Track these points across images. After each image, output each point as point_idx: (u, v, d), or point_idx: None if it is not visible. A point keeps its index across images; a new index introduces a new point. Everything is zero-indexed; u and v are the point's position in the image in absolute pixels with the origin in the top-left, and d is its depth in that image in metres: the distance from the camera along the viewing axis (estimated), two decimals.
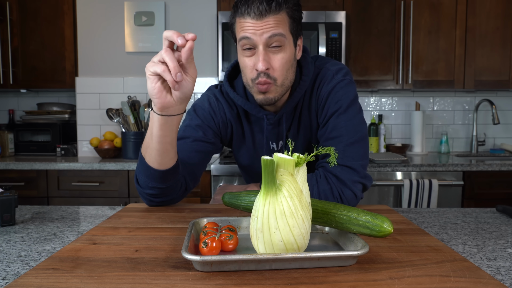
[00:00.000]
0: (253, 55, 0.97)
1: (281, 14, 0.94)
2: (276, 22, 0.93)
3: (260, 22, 0.93)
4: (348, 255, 0.59)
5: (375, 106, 2.98)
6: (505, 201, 2.29)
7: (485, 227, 0.93)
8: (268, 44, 0.95)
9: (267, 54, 0.96)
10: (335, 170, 0.99)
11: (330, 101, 1.04)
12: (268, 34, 0.93)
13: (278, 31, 0.94)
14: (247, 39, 0.95)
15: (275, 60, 0.96)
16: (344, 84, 1.04)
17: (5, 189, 1.00)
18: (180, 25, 2.78)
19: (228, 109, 1.13)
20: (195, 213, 0.97)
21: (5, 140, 2.70)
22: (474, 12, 2.57)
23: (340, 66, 1.09)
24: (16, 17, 2.65)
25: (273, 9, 0.93)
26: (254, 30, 0.93)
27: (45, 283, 0.54)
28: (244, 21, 0.95)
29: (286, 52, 0.97)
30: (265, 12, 0.92)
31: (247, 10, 0.93)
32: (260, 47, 0.95)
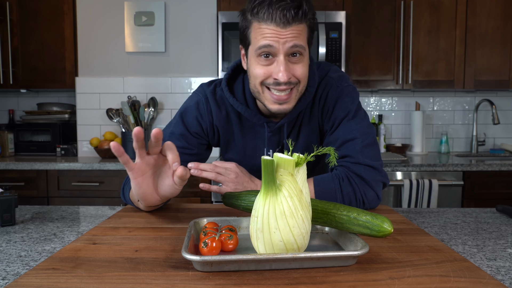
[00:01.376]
0: (271, 64, 0.93)
1: (303, 24, 0.91)
2: (298, 32, 0.90)
3: (284, 30, 0.89)
4: (348, 255, 0.59)
5: (375, 106, 2.98)
6: (505, 201, 2.29)
7: (485, 227, 0.93)
8: (289, 53, 0.92)
9: (287, 64, 0.92)
10: (358, 170, 0.98)
11: (338, 107, 1.04)
12: (290, 43, 0.90)
13: (299, 42, 0.91)
14: (269, 47, 0.90)
15: (296, 69, 0.93)
16: (348, 91, 1.05)
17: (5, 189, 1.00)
18: (180, 25, 2.78)
19: (216, 112, 1.09)
20: (195, 213, 0.97)
21: (5, 140, 2.70)
22: (474, 12, 2.57)
23: (341, 73, 1.09)
24: (16, 17, 2.65)
25: (299, 18, 0.89)
26: (277, 38, 0.89)
27: (45, 283, 0.54)
28: (266, 27, 0.90)
29: (304, 61, 0.95)
30: (292, 19, 0.88)
31: (272, 16, 0.88)
32: (281, 56, 0.91)
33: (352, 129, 1.01)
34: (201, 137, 1.11)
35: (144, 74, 2.81)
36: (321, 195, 0.97)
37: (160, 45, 2.77)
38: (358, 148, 0.99)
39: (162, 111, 2.81)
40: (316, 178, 0.99)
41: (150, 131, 2.81)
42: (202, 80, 2.77)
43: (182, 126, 1.09)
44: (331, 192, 0.97)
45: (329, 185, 0.97)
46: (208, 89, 1.11)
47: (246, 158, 1.14)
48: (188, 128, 1.09)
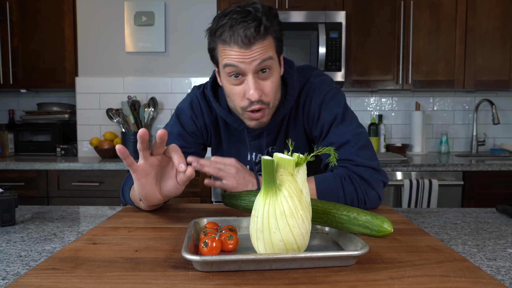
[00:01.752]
0: (242, 83, 0.93)
1: (268, 39, 0.91)
2: (264, 48, 0.90)
3: (248, 50, 0.88)
4: (348, 255, 0.59)
5: (375, 106, 2.98)
6: (505, 201, 2.29)
7: (485, 227, 0.93)
8: (257, 70, 0.91)
9: (257, 82, 0.92)
10: (359, 171, 0.97)
11: (323, 113, 1.04)
12: (257, 61, 0.89)
13: (267, 55, 0.90)
14: (234, 67, 0.90)
15: (266, 85, 0.94)
16: (332, 94, 1.05)
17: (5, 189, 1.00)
18: (180, 25, 2.78)
19: (207, 113, 1.12)
20: (195, 213, 0.97)
21: (5, 140, 2.70)
22: (474, 12, 2.57)
23: (323, 76, 1.09)
24: (16, 17, 2.65)
25: (262, 35, 0.88)
26: (242, 59, 0.89)
27: (45, 283, 0.54)
28: (230, 49, 0.89)
29: (274, 74, 0.95)
30: (253, 39, 0.87)
31: (233, 38, 0.88)
32: (250, 76, 0.91)
33: (343, 132, 1.01)
34: (197, 136, 1.13)
35: (144, 74, 2.81)
36: (322, 194, 0.96)
37: (160, 45, 2.77)
38: (354, 151, 0.99)
39: (162, 111, 2.81)
40: (317, 177, 0.99)
41: (150, 131, 2.81)
42: (202, 80, 2.78)
43: (179, 126, 1.11)
44: (333, 191, 0.96)
45: (331, 184, 0.97)
46: (198, 91, 1.13)
47: None
48: (185, 128, 1.12)
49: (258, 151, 1.13)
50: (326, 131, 1.03)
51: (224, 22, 0.89)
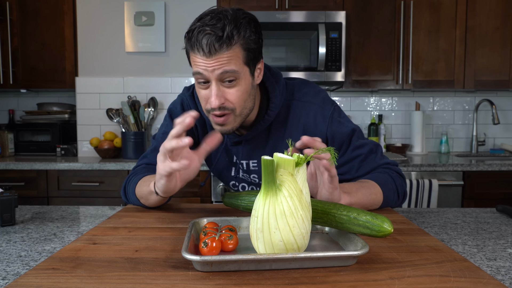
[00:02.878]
0: (207, 88, 0.93)
1: (234, 49, 0.88)
2: (228, 58, 0.88)
3: (210, 59, 0.88)
4: (348, 255, 0.59)
5: (375, 106, 2.98)
6: (505, 201, 2.29)
7: (485, 227, 0.93)
8: (221, 79, 0.91)
9: (220, 89, 0.91)
10: (396, 169, 1.06)
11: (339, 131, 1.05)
12: (219, 71, 0.88)
13: (230, 68, 0.88)
14: (199, 74, 0.90)
15: (230, 94, 0.92)
16: (337, 112, 1.07)
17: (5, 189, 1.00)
18: (180, 25, 2.78)
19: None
20: (195, 213, 0.97)
21: (5, 140, 2.70)
22: (474, 12, 2.57)
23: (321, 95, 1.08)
24: (16, 17, 2.65)
25: (224, 46, 0.87)
26: (205, 67, 0.89)
27: (45, 283, 0.54)
28: (194, 55, 0.90)
29: (241, 85, 0.93)
30: (214, 50, 0.86)
31: (197, 45, 0.87)
32: (213, 83, 0.91)
33: (365, 143, 1.06)
34: (192, 133, 1.13)
35: (144, 74, 2.81)
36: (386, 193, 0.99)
37: (160, 45, 2.77)
38: (380, 156, 1.07)
39: (162, 111, 2.81)
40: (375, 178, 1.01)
41: (150, 131, 2.81)
42: None
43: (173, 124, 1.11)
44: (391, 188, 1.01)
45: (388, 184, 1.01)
46: (188, 92, 1.14)
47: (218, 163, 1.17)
48: None
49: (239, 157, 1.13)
50: (346, 146, 1.06)
51: (194, 27, 0.88)
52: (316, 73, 2.49)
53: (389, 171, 1.05)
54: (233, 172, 1.16)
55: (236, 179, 1.17)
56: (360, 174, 1.05)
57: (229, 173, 1.17)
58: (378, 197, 0.97)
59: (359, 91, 2.95)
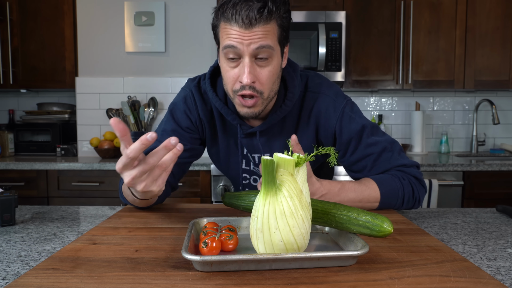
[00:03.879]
0: (238, 66, 0.90)
1: (271, 24, 0.87)
2: (265, 32, 0.86)
3: (248, 31, 0.85)
4: (348, 255, 0.59)
5: (375, 106, 2.98)
6: (505, 201, 2.29)
7: (485, 227, 0.93)
8: (255, 55, 0.88)
9: (253, 67, 0.89)
10: (412, 172, 1.02)
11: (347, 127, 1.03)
12: (256, 45, 0.86)
13: (266, 43, 0.86)
14: (233, 47, 0.87)
15: (262, 73, 0.90)
16: (350, 107, 1.05)
17: (5, 189, 1.00)
18: (180, 25, 2.78)
19: (201, 106, 1.08)
20: (195, 213, 0.97)
21: (5, 140, 2.70)
22: (474, 12, 2.57)
23: (334, 88, 1.07)
24: (16, 17, 2.65)
25: (264, 18, 0.85)
26: (241, 39, 0.86)
27: (45, 283, 0.54)
28: (230, 27, 0.86)
29: (273, 64, 0.91)
30: (255, 21, 0.84)
31: (235, 16, 0.84)
32: (246, 59, 0.88)
33: (377, 141, 1.03)
34: (192, 131, 1.10)
35: (144, 74, 2.81)
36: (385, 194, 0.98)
37: (160, 45, 2.77)
38: (397, 156, 1.03)
39: (162, 111, 2.81)
40: (377, 179, 0.99)
41: (150, 131, 2.81)
42: None
43: (173, 122, 1.09)
44: (394, 191, 0.99)
45: (391, 185, 0.99)
46: (193, 83, 1.10)
47: (227, 156, 1.14)
48: (179, 124, 1.09)
49: (250, 150, 1.10)
50: (357, 143, 1.03)
51: (229, 0, 0.86)
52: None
53: (402, 174, 1.01)
54: (244, 165, 1.13)
55: (247, 172, 1.14)
56: (372, 174, 1.03)
57: (240, 166, 1.13)
58: (373, 196, 0.96)
59: (359, 91, 2.95)
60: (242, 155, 1.12)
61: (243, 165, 1.13)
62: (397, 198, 0.99)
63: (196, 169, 2.31)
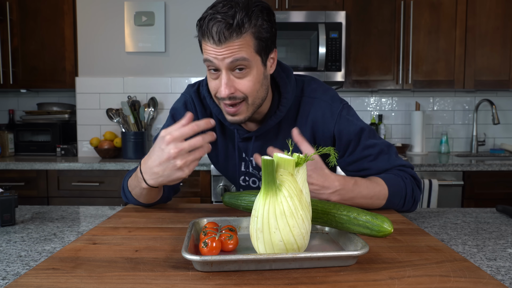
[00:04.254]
0: (218, 77, 0.92)
1: (244, 37, 0.87)
2: (238, 46, 0.87)
3: (220, 48, 0.87)
4: (348, 255, 0.59)
5: (375, 106, 2.98)
6: (505, 201, 2.29)
7: (485, 227, 0.93)
8: (232, 68, 0.89)
9: (230, 79, 0.91)
10: (411, 172, 1.04)
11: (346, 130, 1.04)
12: (229, 59, 0.87)
13: (240, 55, 0.87)
14: (210, 62, 0.90)
15: (241, 83, 0.91)
16: (346, 110, 1.06)
17: (5, 189, 1.00)
18: (180, 25, 2.78)
19: (201, 111, 1.11)
20: (195, 213, 0.97)
21: (5, 140, 2.70)
22: (474, 12, 2.57)
23: (330, 92, 1.07)
24: (16, 17, 2.65)
25: (234, 34, 0.85)
26: (215, 55, 0.88)
27: (45, 283, 0.54)
28: (205, 43, 0.89)
29: (252, 74, 0.92)
30: (224, 38, 0.85)
31: (207, 33, 0.87)
32: (223, 72, 0.90)
33: (375, 144, 1.04)
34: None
35: (144, 74, 2.81)
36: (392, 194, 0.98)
37: (160, 45, 2.77)
38: (394, 157, 1.04)
39: (162, 111, 2.81)
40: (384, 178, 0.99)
41: (150, 131, 2.81)
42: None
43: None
44: (400, 190, 0.99)
45: (398, 184, 0.99)
46: (192, 89, 1.12)
47: (226, 160, 1.16)
48: None
49: (248, 153, 1.12)
50: (355, 145, 1.04)
51: (206, 14, 0.87)
52: (316, 73, 2.49)
53: (403, 174, 1.02)
54: (243, 167, 1.15)
55: (246, 174, 1.16)
56: (370, 174, 1.04)
57: (239, 169, 1.15)
58: (379, 195, 0.96)
59: (359, 91, 2.95)
60: (240, 158, 1.13)
61: (242, 168, 1.15)
62: (400, 197, 0.99)
63: (196, 169, 2.31)
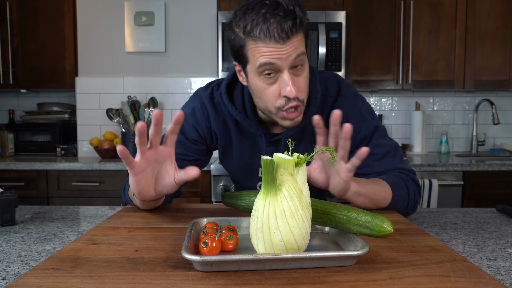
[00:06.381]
0: (276, 81, 0.88)
1: (301, 32, 0.86)
2: (298, 42, 0.85)
3: (284, 45, 0.83)
4: (348, 255, 0.59)
5: (375, 106, 2.98)
6: (505, 201, 2.29)
7: (485, 227, 0.93)
8: (292, 66, 0.87)
9: (293, 78, 0.87)
10: (412, 177, 1.03)
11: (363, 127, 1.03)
12: (293, 56, 0.84)
13: (301, 50, 0.85)
14: (271, 64, 0.85)
15: (300, 81, 0.89)
16: (365, 108, 1.06)
17: (5, 189, 1.00)
18: (180, 25, 2.78)
19: (214, 117, 1.07)
20: (195, 213, 0.97)
21: (5, 140, 2.70)
22: (474, 12, 2.57)
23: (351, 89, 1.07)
24: (16, 17, 2.65)
25: (298, 28, 0.83)
26: (279, 55, 0.83)
27: (45, 283, 0.54)
28: (264, 45, 0.83)
29: (306, 69, 0.91)
30: (291, 33, 0.82)
31: (268, 33, 0.82)
32: (285, 72, 0.86)
33: (384, 144, 1.04)
34: (199, 143, 1.09)
35: (144, 74, 2.81)
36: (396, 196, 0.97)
37: (160, 45, 2.77)
38: (398, 160, 1.04)
39: (162, 111, 2.80)
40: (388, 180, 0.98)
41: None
42: (202, 80, 2.78)
43: (180, 134, 1.08)
44: (402, 193, 0.98)
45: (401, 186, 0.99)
46: (205, 93, 1.08)
47: (244, 166, 1.14)
48: (186, 135, 1.08)
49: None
50: (366, 142, 1.04)
51: (253, 17, 0.83)
52: None
53: (405, 177, 1.02)
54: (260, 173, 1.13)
55: None
56: (372, 172, 1.03)
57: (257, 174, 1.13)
58: (387, 196, 0.95)
59: (359, 91, 2.94)
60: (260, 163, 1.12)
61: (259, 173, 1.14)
62: (404, 199, 0.98)
63: None
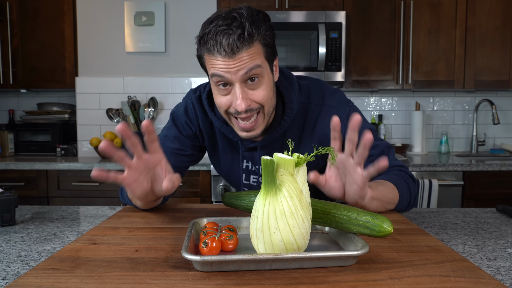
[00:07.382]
0: (229, 93, 0.89)
1: (255, 45, 0.85)
2: (250, 56, 0.84)
3: (232, 60, 0.83)
4: (348, 255, 0.59)
5: (375, 106, 2.98)
6: (505, 201, 2.29)
7: (485, 227, 0.93)
8: (245, 80, 0.87)
9: (245, 92, 0.87)
10: (409, 172, 1.05)
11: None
12: (243, 70, 0.85)
13: (254, 63, 0.85)
14: (220, 77, 0.86)
15: (256, 94, 0.89)
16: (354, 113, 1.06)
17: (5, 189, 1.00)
18: (180, 25, 2.78)
19: (202, 118, 1.09)
20: (195, 213, 0.97)
21: (5, 140, 2.70)
22: (474, 12, 2.57)
23: (336, 95, 1.06)
24: (16, 17, 2.65)
25: (246, 43, 0.83)
26: (227, 69, 0.84)
27: (45, 283, 0.54)
28: (214, 58, 0.85)
29: (264, 82, 0.90)
30: (237, 48, 0.82)
31: (216, 47, 0.83)
32: (237, 85, 0.86)
33: (377, 145, 1.04)
34: (193, 139, 1.12)
35: (144, 74, 2.81)
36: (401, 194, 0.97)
37: (160, 45, 2.77)
38: (392, 158, 1.04)
39: (162, 111, 2.81)
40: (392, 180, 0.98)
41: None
42: (202, 80, 2.78)
43: (175, 129, 1.10)
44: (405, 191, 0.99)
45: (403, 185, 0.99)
46: (194, 96, 1.10)
47: (227, 168, 1.15)
48: (181, 131, 1.11)
49: (254, 162, 1.10)
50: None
51: (208, 30, 0.85)
52: (316, 73, 2.49)
53: (404, 175, 1.02)
54: (244, 179, 1.14)
55: (247, 186, 1.16)
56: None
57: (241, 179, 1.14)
58: (395, 197, 0.95)
59: (359, 91, 2.95)
60: (243, 169, 1.13)
61: (243, 179, 1.14)
62: (407, 197, 1.00)
63: (196, 169, 2.31)
